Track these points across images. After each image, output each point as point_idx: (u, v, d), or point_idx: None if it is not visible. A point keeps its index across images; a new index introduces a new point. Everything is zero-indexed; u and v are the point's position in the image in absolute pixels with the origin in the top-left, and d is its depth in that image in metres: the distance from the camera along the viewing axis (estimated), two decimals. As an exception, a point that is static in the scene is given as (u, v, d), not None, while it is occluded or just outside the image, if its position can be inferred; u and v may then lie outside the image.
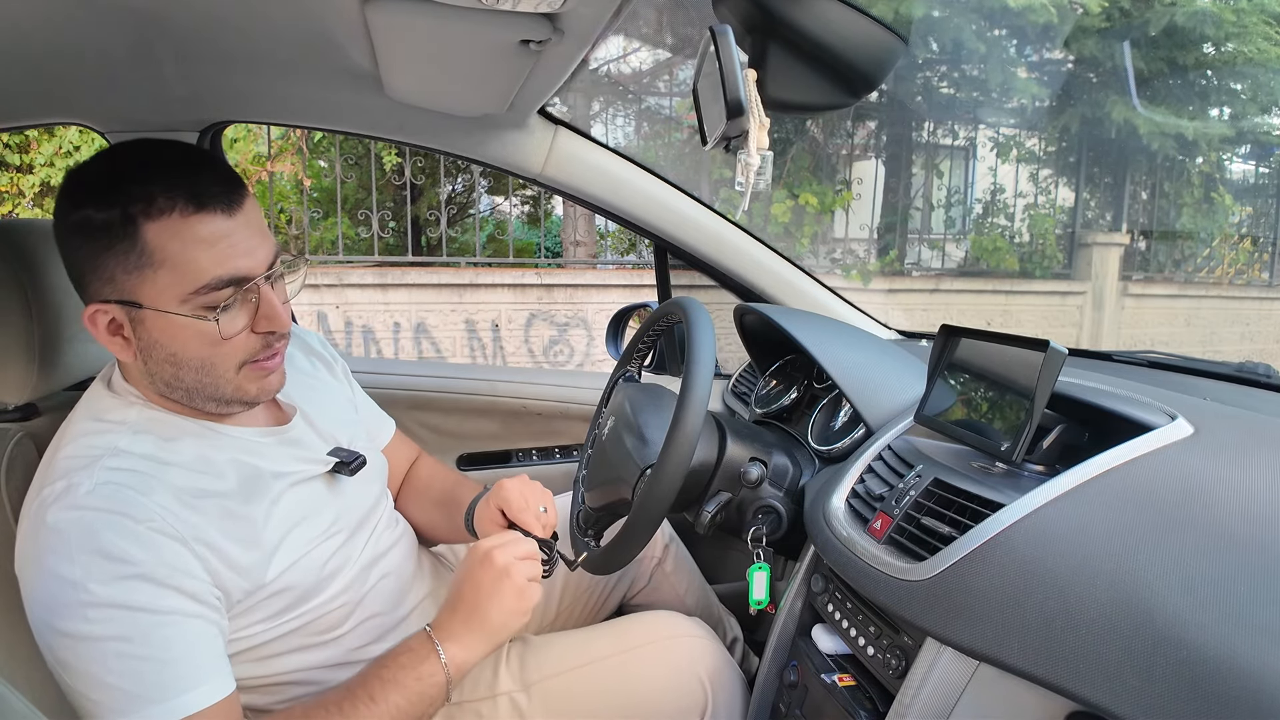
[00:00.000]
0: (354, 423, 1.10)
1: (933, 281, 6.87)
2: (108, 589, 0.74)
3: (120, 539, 0.75)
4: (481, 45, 0.92)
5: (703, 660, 1.08)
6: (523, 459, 1.75)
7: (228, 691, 0.79)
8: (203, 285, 0.79)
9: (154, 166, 0.80)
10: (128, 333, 0.83)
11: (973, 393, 0.92)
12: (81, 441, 0.82)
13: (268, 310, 0.84)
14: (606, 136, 6.85)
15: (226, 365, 0.85)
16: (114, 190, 0.78)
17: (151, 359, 0.83)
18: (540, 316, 5.55)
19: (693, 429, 0.93)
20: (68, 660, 0.74)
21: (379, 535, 1.04)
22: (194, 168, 0.81)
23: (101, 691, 0.73)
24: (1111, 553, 0.67)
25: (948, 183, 7.36)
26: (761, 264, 1.58)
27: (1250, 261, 7.73)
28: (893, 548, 0.85)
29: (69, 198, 0.80)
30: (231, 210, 0.81)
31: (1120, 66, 6.26)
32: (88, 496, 0.76)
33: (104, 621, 0.74)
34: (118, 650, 0.74)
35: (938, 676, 0.75)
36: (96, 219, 0.78)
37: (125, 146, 0.83)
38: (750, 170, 0.76)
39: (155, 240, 0.78)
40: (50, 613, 0.74)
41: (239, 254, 0.81)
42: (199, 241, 0.79)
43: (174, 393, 0.86)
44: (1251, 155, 7.47)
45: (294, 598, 0.89)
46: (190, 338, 0.82)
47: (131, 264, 0.78)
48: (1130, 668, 0.60)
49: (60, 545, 0.75)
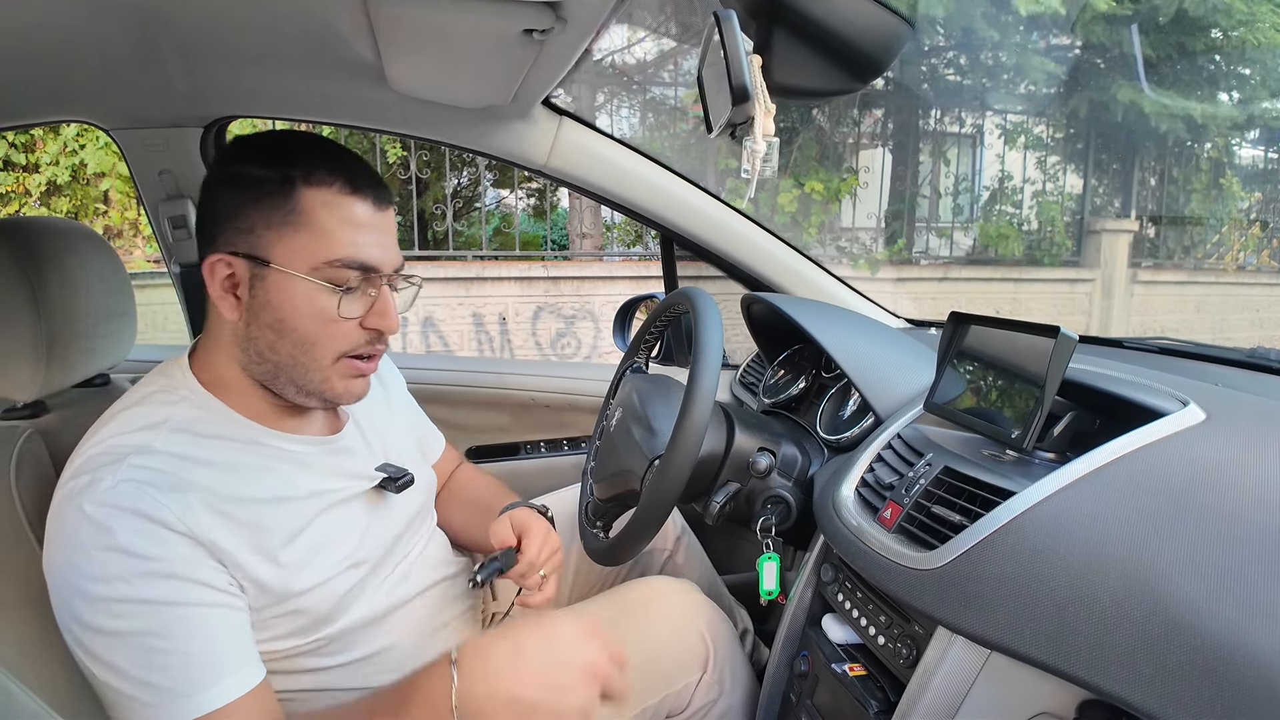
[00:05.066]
0: (406, 435, 1.10)
1: (941, 270, 6.84)
2: (129, 585, 0.74)
3: (137, 537, 0.75)
4: (484, 36, 0.91)
5: (701, 614, 1.11)
6: (531, 451, 1.75)
7: (257, 680, 0.79)
8: (336, 259, 0.82)
9: (321, 146, 0.85)
10: (241, 291, 0.84)
11: (982, 380, 0.91)
12: (112, 441, 0.81)
13: (383, 307, 0.87)
14: (612, 127, 6.83)
15: (326, 350, 0.86)
16: (281, 154, 0.83)
17: (257, 322, 0.84)
18: (547, 309, 5.55)
19: (700, 419, 0.93)
20: (96, 653, 0.74)
21: (410, 559, 1.01)
22: (356, 160, 0.86)
23: (131, 685, 0.73)
24: (1124, 540, 0.66)
25: (955, 170, 7.32)
26: (769, 253, 1.58)
27: (1260, 247, 7.67)
28: (903, 537, 0.85)
29: (230, 155, 0.85)
30: (379, 206, 0.86)
31: (1129, 52, 6.21)
32: (108, 493, 0.76)
33: (129, 616, 0.74)
34: (145, 645, 0.74)
35: (949, 666, 0.74)
36: (255, 173, 0.82)
37: (292, 131, 0.88)
38: (756, 157, 0.75)
39: (307, 204, 0.82)
40: (75, 608, 0.74)
41: (375, 245, 0.85)
42: (345, 219, 0.83)
43: (261, 366, 0.86)
44: (1260, 140, 7.41)
45: (309, 620, 0.86)
46: (305, 307, 0.83)
47: (276, 220, 0.82)
48: (1144, 655, 0.60)
49: (82, 541, 0.75)
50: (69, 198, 5.54)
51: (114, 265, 1.02)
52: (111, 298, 1.01)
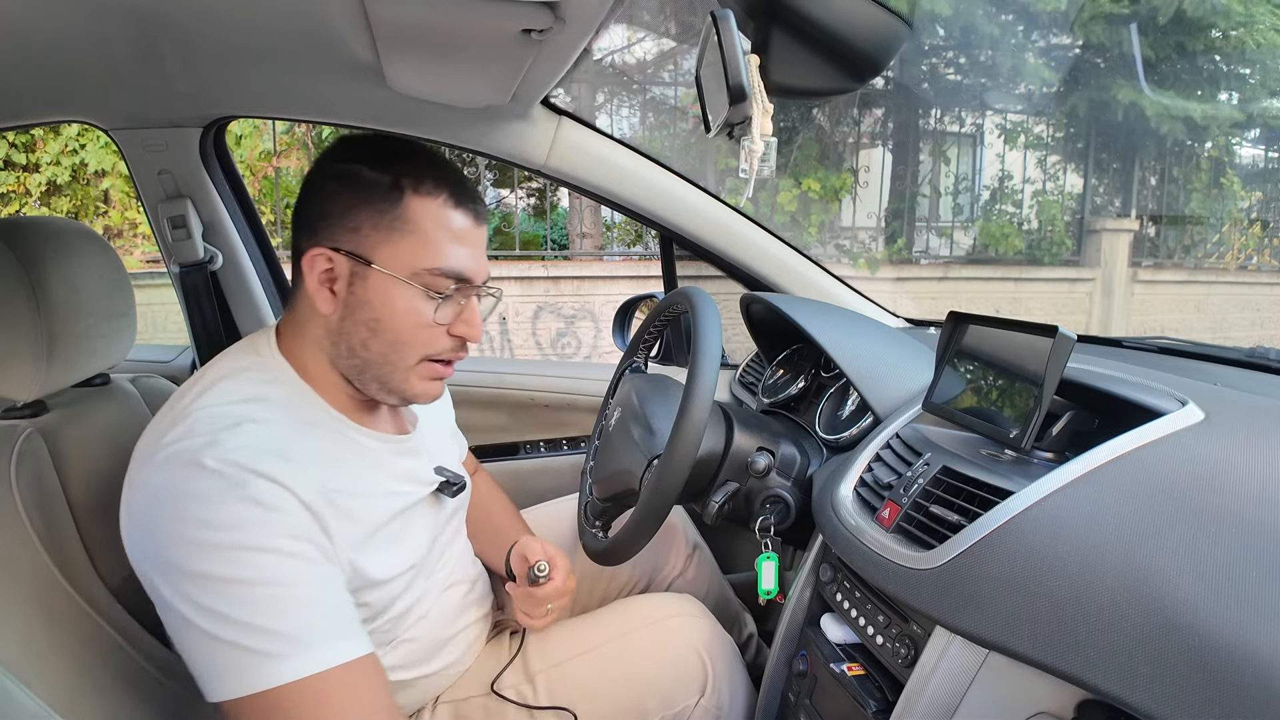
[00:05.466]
0: (451, 438, 1.14)
1: (941, 269, 6.84)
2: (260, 532, 0.74)
3: (267, 494, 0.75)
4: (482, 35, 0.91)
5: (699, 635, 1.10)
6: (530, 451, 1.75)
7: (370, 649, 0.78)
8: (436, 267, 0.85)
9: (431, 157, 0.89)
10: (339, 286, 0.86)
11: (981, 380, 0.91)
12: (219, 409, 0.81)
13: (471, 316, 0.90)
14: (611, 127, 6.83)
15: (412, 352, 0.88)
16: (393, 159, 0.86)
17: (351, 318, 0.86)
18: (547, 308, 5.55)
19: (699, 419, 0.93)
20: (206, 603, 0.72)
21: (445, 560, 1.04)
22: (461, 174, 0.90)
23: (248, 635, 0.72)
24: (1122, 539, 0.66)
25: (955, 169, 7.32)
26: (768, 253, 1.58)
27: (1260, 247, 7.67)
28: (901, 536, 0.85)
29: (340, 153, 0.88)
30: (478, 221, 0.90)
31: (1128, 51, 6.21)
32: (234, 452, 0.75)
33: (256, 565, 0.73)
34: (271, 594, 0.73)
35: (947, 665, 0.74)
36: (367, 175, 0.85)
37: (404, 139, 0.92)
38: (754, 157, 0.75)
39: (413, 212, 0.85)
40: (184, 557, 0.72)
41: (471, 257, 0.88)
42: (448, 230, 0.86)
43: (350, 360, 0.88)
44: (1260, 140, 7.40)
45: (368, 614, 0.88)
46: (402, 310, 0.86)
47: (384, 224, 0.84)
48: (1141, 655, 0.59)
49: (203, 490, 0.73)
50: (69, 197, 5.55)
51: (114, 265, 1.03)
52: (112, 297, 1.01)
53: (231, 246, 1.56)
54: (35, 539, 0.84)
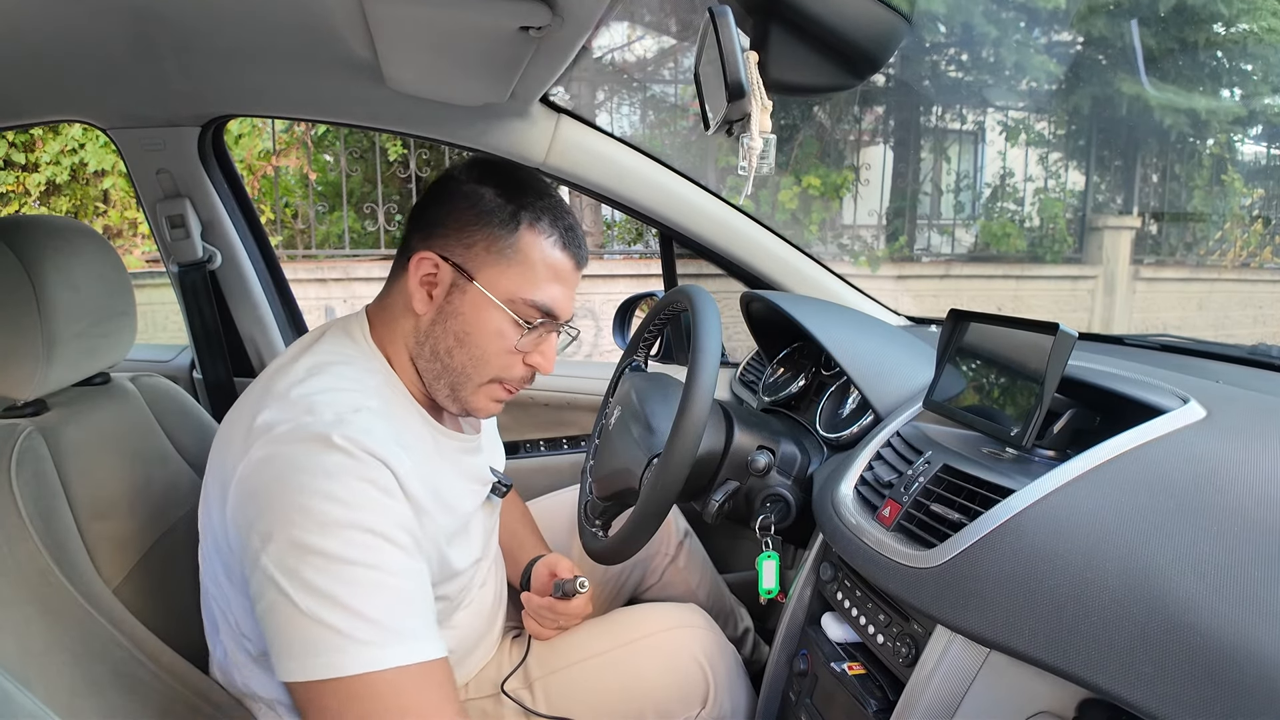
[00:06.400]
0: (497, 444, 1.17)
1: (942, 267, 6.83)
2: (376, 515, 0.75)
3: (386, 480, 0.77)
4: (480, 33, 0.91)
5: (701, 647, 1.10)
6: (530, 450, 1.75)
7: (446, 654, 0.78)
8: (531, 299, 0.90)
9: (552, 198, 0.93)
10: (437, 292, 0.90)
11: (982, 378, 0.91)
12: (334, 394, 0.82)
13: (548, 350, 0.96)
14: (611, 125, 6.82)
15: (488, 370, 0.92)
16: (518, 191, 0.91)
17: (441, 324, 0.90)
18: (547, 307, 5.53)
19: (699, 417, 0.93)
20: (312, 580, 0.71)
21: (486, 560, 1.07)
22: (574, 219, 0.95)
23: (346, 618, 0.71)
24: (1123, 538, 0.66)
25: (957, 167, 7.30)
26: (769, 251, 1.57)
27: (1262, 244, 7.65)
28: (902, 535, 0.85)
29: (473, 172, 0.92)
30: (578, 266, 0.95)
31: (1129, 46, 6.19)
32: (361, 434, 0.77)
33: (368, 548, 0.74)
34: (373, 579, 0.73)
35: (948, 664, 0.74)
36: (492, 200, 0.90)
37: (531, 172, 0.97)
38: (753, 154, 0.75)
39: (525, 244, 0.90)
40: (300, 530, 0.72)
41: (565, 298, 0.94)
42: (551, 268, 0.91)
43: (431, 363, 0.91)
44: (1263, 137, 7.38)
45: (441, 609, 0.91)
46: (491, 330, 0.90)
47: (495, 247, 0.89)
48: (1143, 654, 0.59)
49: (333, 467, 0.74)
50: (69, 197, 5.55)
51: (114, 264, 1.02)
52: (111, 297, 1.01)
53: (230, 246, 1.56)
54: (35, 538, 0.84)
